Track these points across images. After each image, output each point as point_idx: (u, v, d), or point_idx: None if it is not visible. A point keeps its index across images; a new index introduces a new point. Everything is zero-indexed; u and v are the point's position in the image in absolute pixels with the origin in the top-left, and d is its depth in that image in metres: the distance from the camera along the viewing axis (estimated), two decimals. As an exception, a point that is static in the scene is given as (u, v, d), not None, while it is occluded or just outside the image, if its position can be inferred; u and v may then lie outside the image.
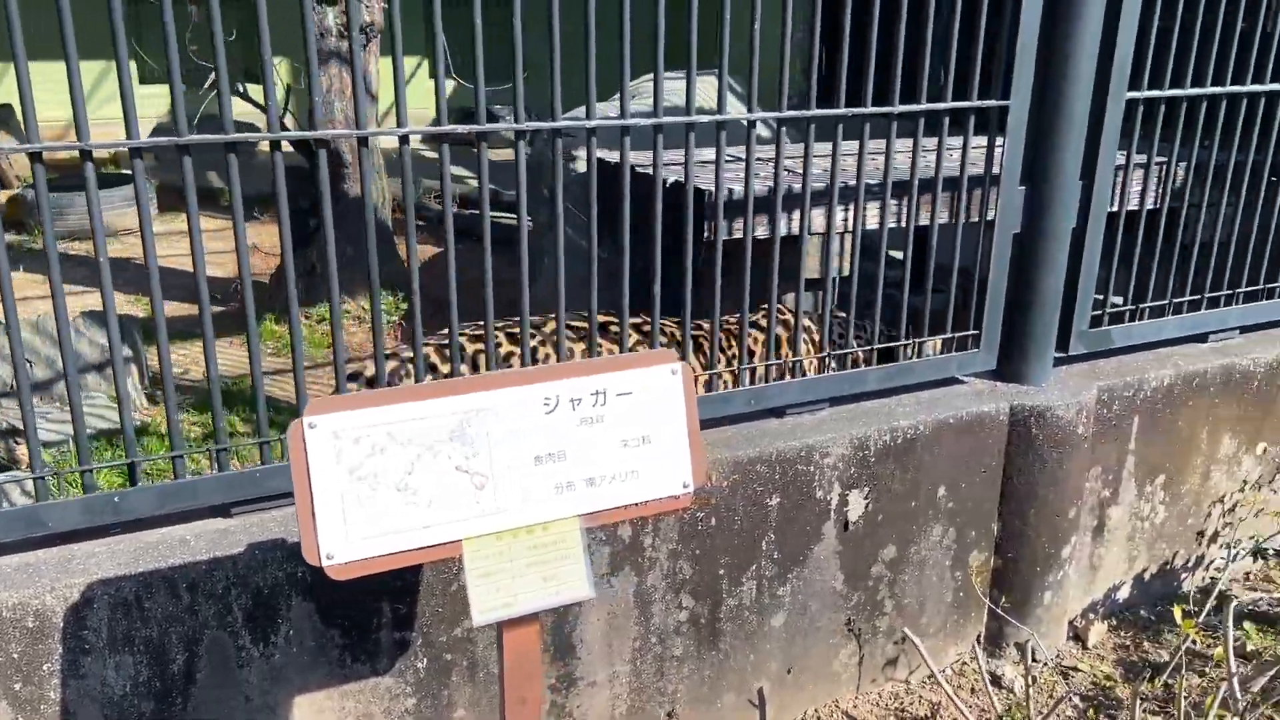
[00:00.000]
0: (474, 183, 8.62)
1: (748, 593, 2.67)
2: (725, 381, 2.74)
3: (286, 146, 2.15)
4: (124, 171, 8.99)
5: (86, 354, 4.61)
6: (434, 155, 11.48)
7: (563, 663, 2.47)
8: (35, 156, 1.84)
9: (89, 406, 4.33)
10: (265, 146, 2.02)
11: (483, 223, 2.24)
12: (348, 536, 1.60)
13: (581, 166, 4.65)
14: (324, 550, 1.59)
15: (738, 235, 2.91)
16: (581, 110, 4.20)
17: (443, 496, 1.67)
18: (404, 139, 2.14)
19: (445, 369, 2.89)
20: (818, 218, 3.00)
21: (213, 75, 1.95)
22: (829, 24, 2.61)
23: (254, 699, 2.13)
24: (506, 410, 1.70)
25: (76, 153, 1.86)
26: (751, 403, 2.67)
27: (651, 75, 3.60)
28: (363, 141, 2.12)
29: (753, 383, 2.73)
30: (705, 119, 2.44)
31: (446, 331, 2.39)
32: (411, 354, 2.56)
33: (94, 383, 4.65)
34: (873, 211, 3.25)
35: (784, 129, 2.55)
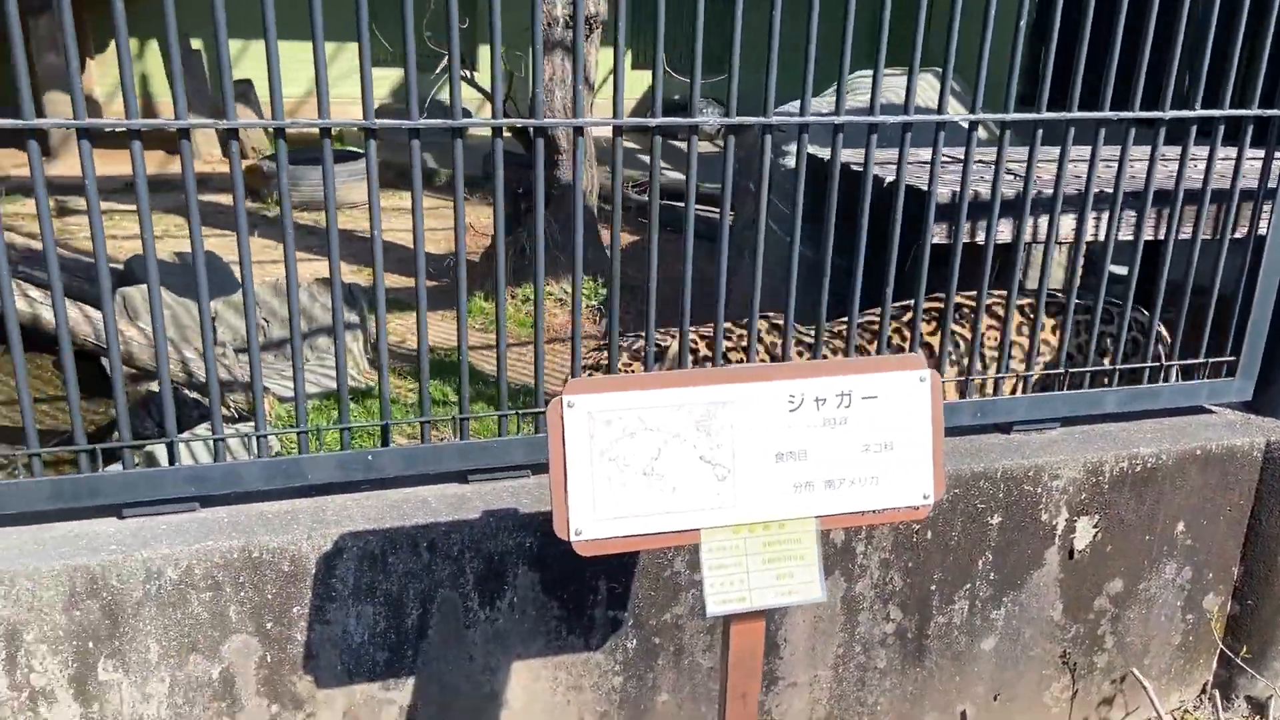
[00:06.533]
0: (673, 175, 8.70)
1: (959, 612, 2.58)
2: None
3: (505, 132, 2.22)
4: (350, 149, 9.57)
5: (320, 318, 4.95)
6: (635, 146, 11.69)
7: (765, 661, 2.46)
8: (279, 132, 1.96)
9: (321, 367, 4.64)
10: (485, 131, 2.10)
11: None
12: (596, 514, 1.65)
13: (790, 162, 4.60)
14: (573, 525, 1.64)
15: (962, 240, 2.80)
16: (793, 105, 4.13)
17: (686, 485, 1.69)
18: (618, 130, 2.15)
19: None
20: (1035, 225, 2.85)
21: (443, 61, 2.02)
22: (1065, 25, 2.45)
23: (477, 659, 2.23)
24: (751, 405, 1.70)
25: (309, 128, 1.96)
26: (978, 415, 2.58)
27: (864, 71, 3.49)
28: (579, 131, 2.16)
29: (979, 394, 2.63)
30: (923, 118, 2.34)
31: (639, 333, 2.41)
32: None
33: (324, 344, 4.98)
34: (1099, 222, 3.06)
35: (1007, 132, 2.43)
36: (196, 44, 10.74)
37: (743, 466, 1.70)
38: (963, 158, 2.41)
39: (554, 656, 2.29)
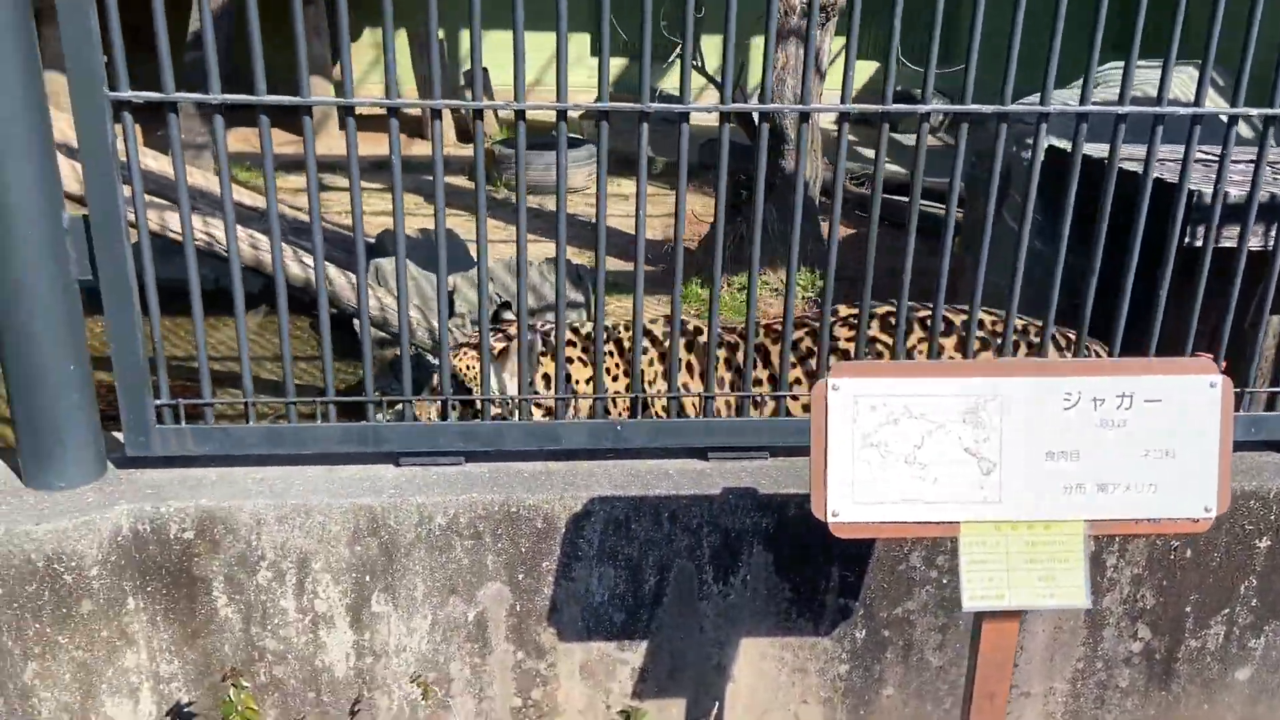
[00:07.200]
0: (893, 168, 8.47)
1: (1214, 637, 2.42)
2: None
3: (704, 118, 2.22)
4: (573, 136, 9.89)
5: (548, 296, 5.16)
6: (855, 139, 11.45)
7: (998, 666, 2.39)
8: (518, 114, 2.05)
9: (547, 342, 4.83)
10: (707, 121, 2.12)
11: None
12: (854, 498, 1.65)
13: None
14: (831, 507, 1.65)
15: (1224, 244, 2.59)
16: (1034, 98, 3.93)
17: (948, 476, 1.67)
18: (844, 116, 2.10)
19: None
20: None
21: (675, 51, 2.05)
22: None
23: (707, 631, 2.29)
24: (1023, 399, 1.65)
25: (535, 113, 2.05)
26: (1251, 430, 2.40)
27: (1114, 63, 3.26)
28: (804, 117, 2.14)
29: (1250, 408, 2.45)
30: (1212, 110, 2.18)
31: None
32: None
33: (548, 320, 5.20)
34: None
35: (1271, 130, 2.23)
36: (439, 33, 11.38)
37: (1010, 462, 1.66)
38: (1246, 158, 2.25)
39: (781, 638, 2.32)
